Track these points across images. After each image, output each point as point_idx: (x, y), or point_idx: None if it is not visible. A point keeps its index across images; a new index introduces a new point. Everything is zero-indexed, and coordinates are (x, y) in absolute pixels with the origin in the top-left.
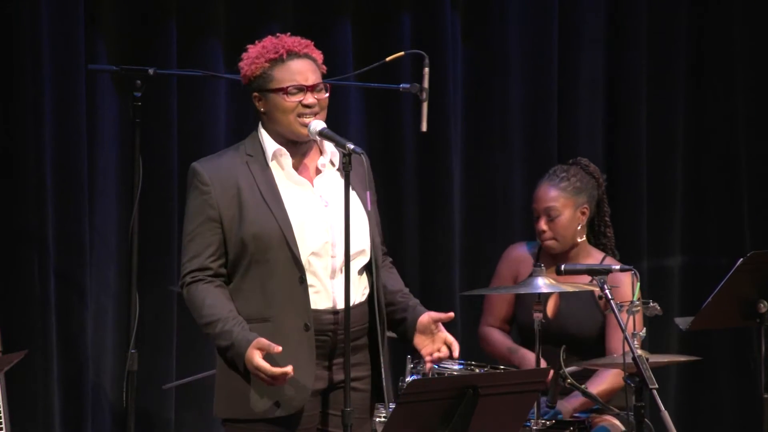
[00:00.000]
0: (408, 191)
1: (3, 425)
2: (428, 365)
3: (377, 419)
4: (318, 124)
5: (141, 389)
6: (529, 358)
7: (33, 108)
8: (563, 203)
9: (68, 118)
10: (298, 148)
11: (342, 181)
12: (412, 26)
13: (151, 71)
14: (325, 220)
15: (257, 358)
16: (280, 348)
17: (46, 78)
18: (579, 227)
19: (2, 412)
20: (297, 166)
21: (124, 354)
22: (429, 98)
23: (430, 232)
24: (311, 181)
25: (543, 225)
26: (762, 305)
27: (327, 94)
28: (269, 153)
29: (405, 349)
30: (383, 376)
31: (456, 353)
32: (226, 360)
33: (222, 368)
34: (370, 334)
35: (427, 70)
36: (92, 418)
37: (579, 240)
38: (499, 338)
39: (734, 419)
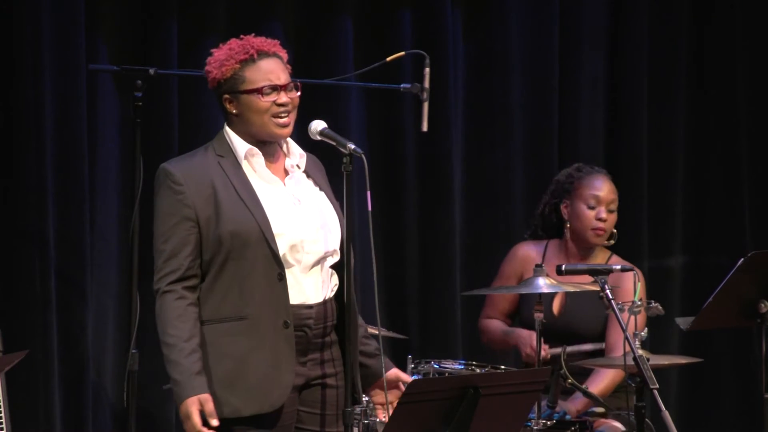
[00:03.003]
0: (408, 191)
1: (3, 425)
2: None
3: (377, 419)
4: (319, 124)
5: (142, 389)
6: (524, 335)
7: (34, 108)
8: (617, 199)
9: (69, 118)
10: (267, 149)
11: (310, 183)
12: (413, 25)
13: (151, 71)
14: (299, 216)
15: (195, 413)
16: (216, 422)
17: (47, 78)
18: None
19: (3, 412)
20: (268, 167)
21: (125, 354)
22: (429, 98)
23: (430, 232)
24: (282, 180)
25: (605, 215)
26: (762, 305)
27: (299, 93)
28: (241, 153)
29: (406, 348)
30: (357, 373)
31: None
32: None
33: None
34: (339, 330)
35: (427, 70)
36: (93, 418)
37: None
38: (495, 325)
39: (734, 419)
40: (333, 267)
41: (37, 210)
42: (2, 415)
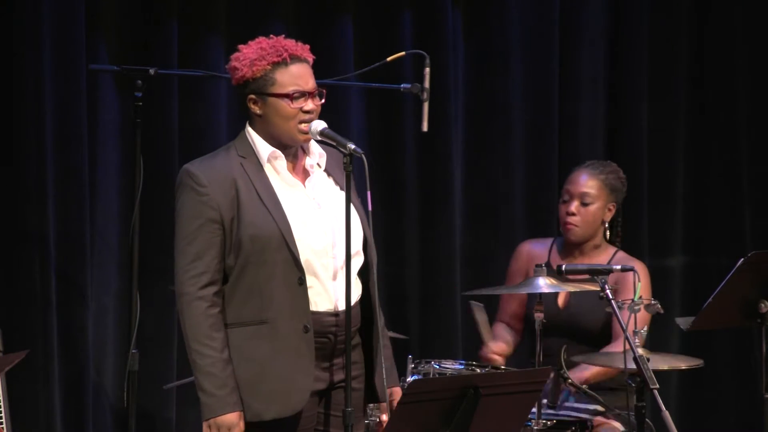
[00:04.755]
0: (408, 191)
1: (4, 425)
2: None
3: (377, 419)
4: (319, 124)
5: (142, 389)
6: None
7: (34, 108)
8: (598, 193)
9: (69, 118)
10: (288, 150)
11: (330, 182)
12: (413, 25)
13: (152, 71)
14: (320, 221)
15: (242, 425)
16: None
17: (48, 78)
18: (602, 222)
19: (3, 412)
20: (288, 168)
21: (125, 354)
22: (430, 98)
23: (430, 232)
24: (303, 183)
25: (573, 208)
26: (763, 305)
27: (323, 101)
28: (264, 155)
29: (406, 348)
30: (381, 374)
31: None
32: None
33: None
34: (363, 333)
35: (428, 70)
36: (93, 418)
37: (597, 235)
38: (499, 332)
39: (735, 419)
40: (358, 271)
41: (37, 210)
42: (2, 415)
